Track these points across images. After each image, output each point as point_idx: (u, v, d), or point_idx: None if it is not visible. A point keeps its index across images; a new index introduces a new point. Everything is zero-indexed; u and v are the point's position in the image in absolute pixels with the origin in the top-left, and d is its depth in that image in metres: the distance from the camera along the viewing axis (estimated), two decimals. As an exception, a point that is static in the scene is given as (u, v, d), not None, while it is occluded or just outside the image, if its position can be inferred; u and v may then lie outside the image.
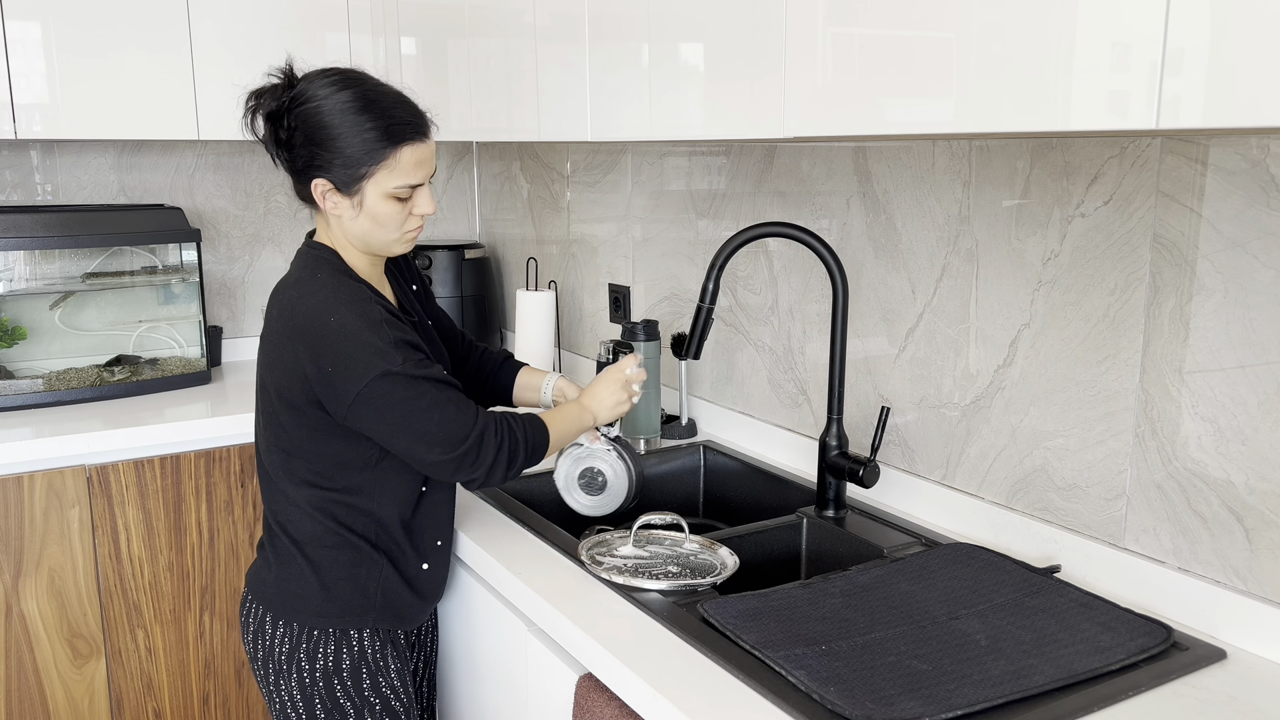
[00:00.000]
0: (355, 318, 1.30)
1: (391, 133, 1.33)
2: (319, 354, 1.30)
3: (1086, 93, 0.93)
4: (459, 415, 1.33)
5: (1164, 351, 1.27)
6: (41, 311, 2.37)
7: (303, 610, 1.43)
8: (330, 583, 1.43)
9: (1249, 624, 1.19)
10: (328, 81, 1.34)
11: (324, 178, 1.34)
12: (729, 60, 1.39)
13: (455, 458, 1.33)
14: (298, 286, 1.36)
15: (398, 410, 1.30)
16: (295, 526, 1.43)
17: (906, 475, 1.65)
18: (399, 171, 1.35)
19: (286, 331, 1.34)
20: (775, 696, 1.06)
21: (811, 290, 1.81)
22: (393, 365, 1.29)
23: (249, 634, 1.48)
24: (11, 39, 2.13)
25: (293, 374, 1.34)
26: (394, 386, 1.30)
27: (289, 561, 1.44)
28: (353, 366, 1.29)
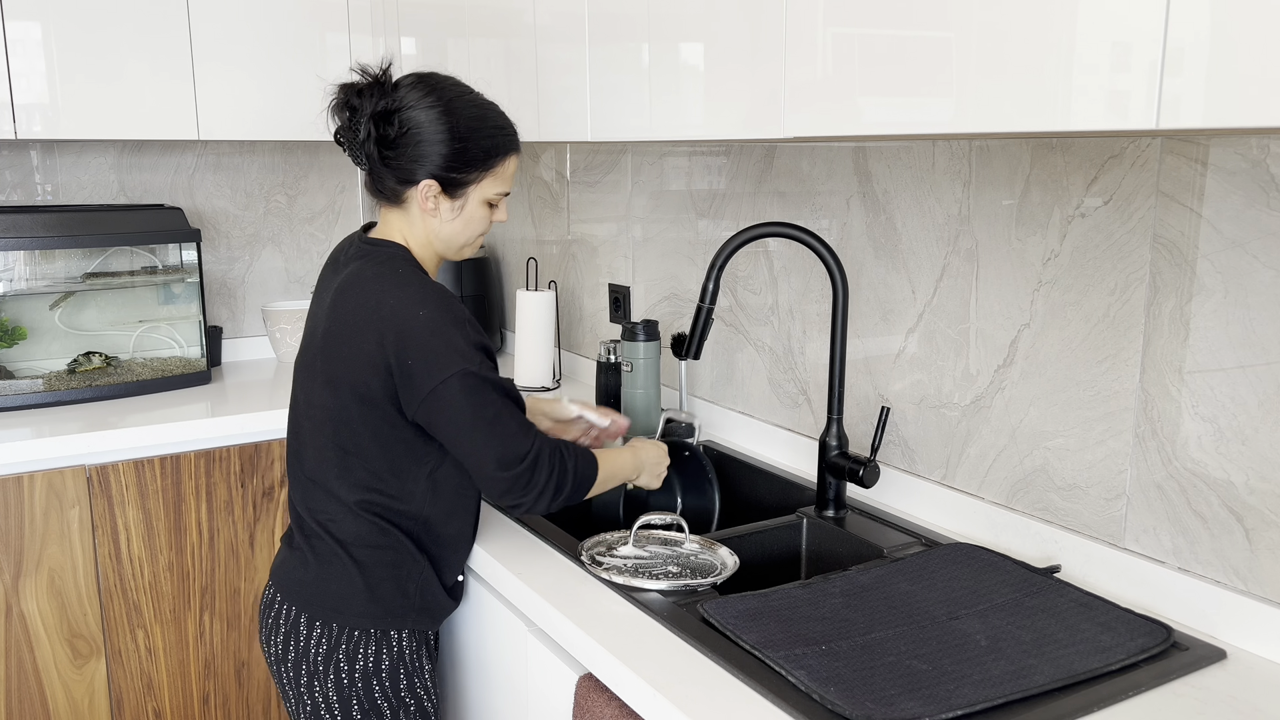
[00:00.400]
0: (443, 314, 1.32)
1: (505, 144, 1.42)
2: (405, 345, 1.31)
3: (1086, 93, 0.93)
4: (519, 434, 1.33)
5: (1164, 351, 1.27)
6: (41, 311, 2.37)
7: (344, 610, 1.42)
8: (374, 583, 1.42)
9: (1249, 624, 1.19)
10: (434, 88, 1.38)
11: (433, 179, 1.38)
12: (729, 60, 1.39)
13: (509, 478, 1.33)
14: (381, 281, 1.36)
15: (466, 414, 1.31)
16: (340, 526, 1.42)
17: (906, 475, 1.65)
18: (503, 179, 1.43)
19: (371, 322, 1.33)
20: (775, 696, 1.06)
21: (811, 290, 1.81)
22: (471, 365, 1.31)
23: (278, 635, 1.46)
24: (11, 39, 2.13)
25: (373, 365, 1.33)
26: (468, 389, 1.30)
27: (330, 561, 1.42)
28: (435, 361, 1.30)
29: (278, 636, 1.46)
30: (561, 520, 1.87)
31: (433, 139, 1.36)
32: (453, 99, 1.38)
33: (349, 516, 1.41)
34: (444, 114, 1.36)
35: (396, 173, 1.38)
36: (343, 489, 1.41)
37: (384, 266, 1.38)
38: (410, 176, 1.38)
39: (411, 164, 1.37)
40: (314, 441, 1.43)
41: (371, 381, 1.34)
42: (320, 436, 1.41)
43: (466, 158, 1.38)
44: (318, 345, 1.41)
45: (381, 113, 1.36)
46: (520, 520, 1.60)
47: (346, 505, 1.41)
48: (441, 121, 1.36)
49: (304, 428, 1.45)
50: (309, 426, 1.44)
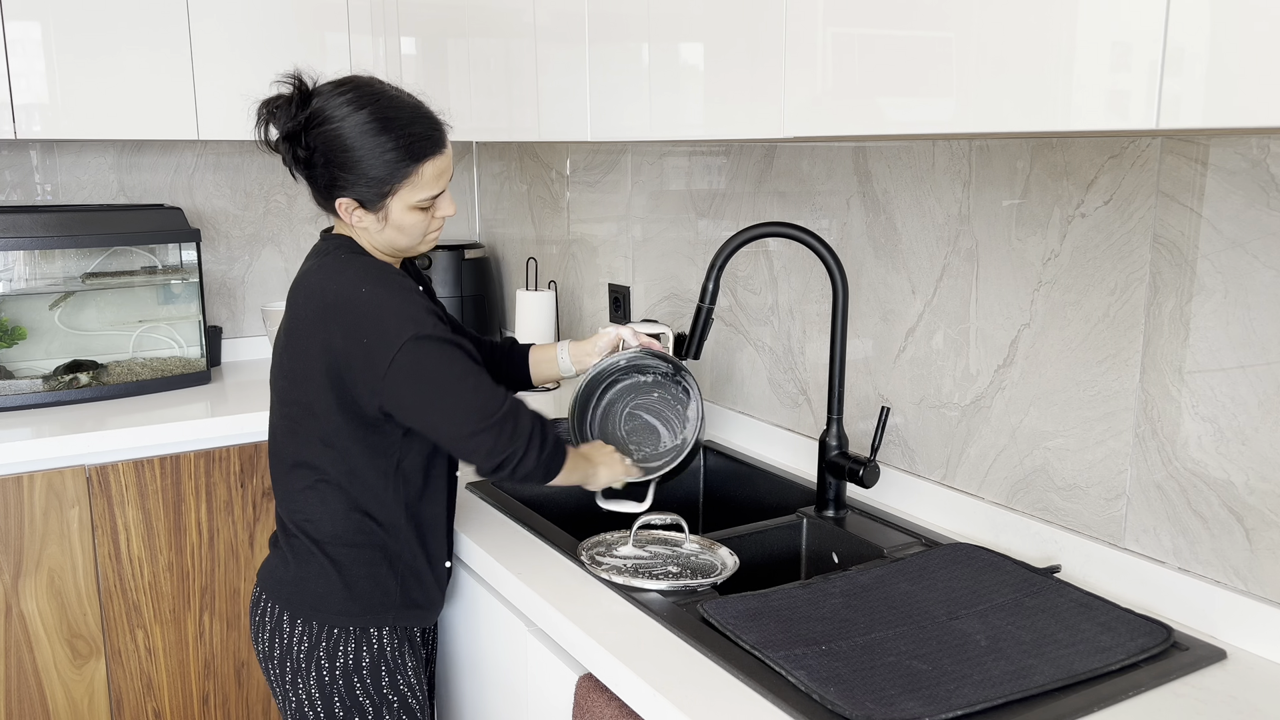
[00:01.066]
0: (385, 288, 1.32)
1: (412, 151, 1.34)
2: (355, 326, 1.31)
3: (1086, 93, 0.93)
4: (491, 387, 1.33)
5: (1164, 351, 1.26)
6: (41, 311, 2.37)
7: (323, 609, 1.43)
8: (351, 581, 1.43)
9: (1249, 624, 1.19)
10: (344, 100, 1.33)
11: (348, 197, 1.36)
12: (729, 60, 1.39)
13: (492, 427, 1.30)
14: (322, 270, 1.37)
15: (430, 377, 1.30)
16: (316, 526, 1.43)
17: (906, 475, 1.65)
18: (421, 186, 1.36)
19: (319, 312, 1.34)
20: (775, 696, 1.06)
21: (811, 290, 1.81)
22: (424, 329, 1.30)
23: (264, 633, 1.47)
24: (11, 39, 2.13)
25: (328, 354, 1.33)
26: (427, 351, 1.29)
27: (308, 560, 1.43)
28: (386, 332, 1.29)
29: (264, 634, 1.48)
30: (562, 520, 1.87)
31: (337, 159, 1.33)
32: (362, 110, 1.32)
33: (326, 516, 1.42)
34: (351, 129, 1.32)
35: (318, 190, 1.38)
36: (317, 487, 1.42)
37: (327, 257, 1.39)
38: (329, 195, 1.37)
39: (327, 184, 1.36)
40: (287, 441, 1.44)
41: (332, 370, 1.34)
42: (292, 436, 1.42)
43: (372, 174, 1.33)
44: (282, 344, 1.42)
45: (289, 134, 1.34)
46: (520, 520, 1.60)
47: (324, 504, 1.42)
48: (347, 139, 1.32)
49: (278, 428, 1.46)
50: (282, 426, 1.44)
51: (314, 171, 1.36)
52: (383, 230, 1.39)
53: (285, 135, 1.35)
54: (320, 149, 1.33)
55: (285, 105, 1.35)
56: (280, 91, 1.36)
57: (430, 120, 1.38)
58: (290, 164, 1.38)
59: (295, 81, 1.35)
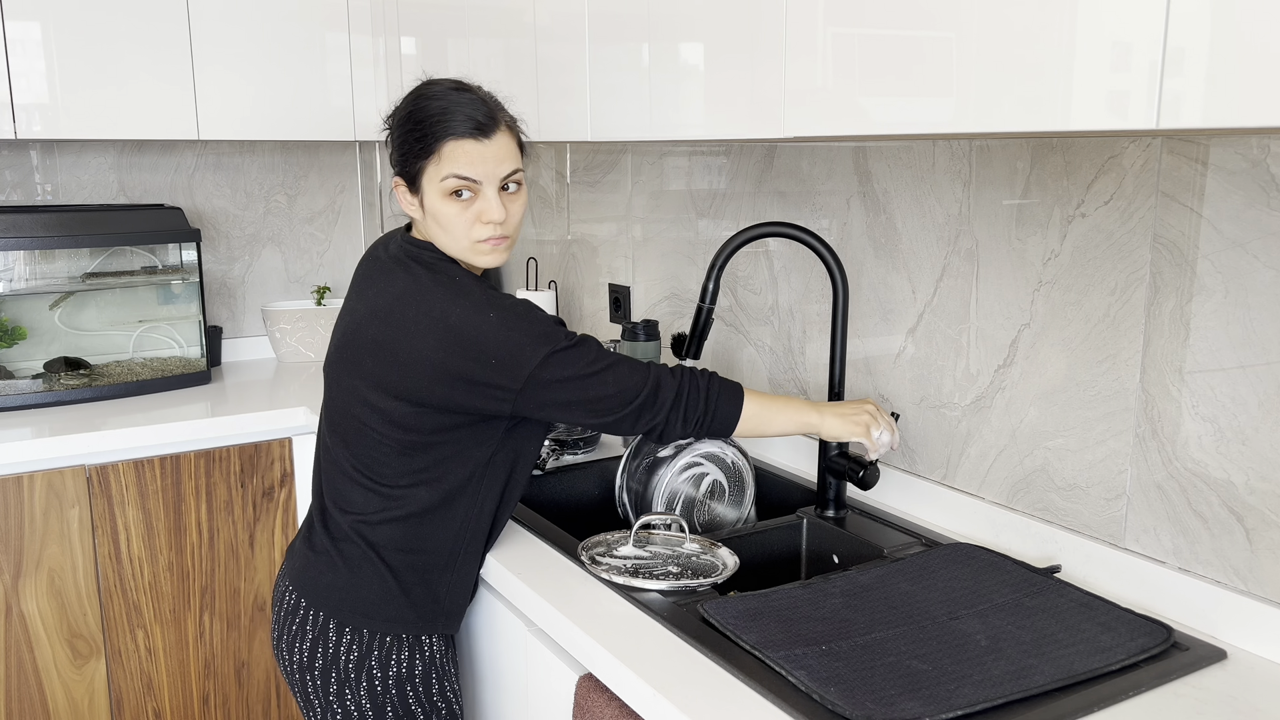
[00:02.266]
0: (510, 311, 1.33)
1: (440, 125, 1.35)
2: (483, 351, 1.30)
3: (1086, 93, 0.93)
4: (631, 370, 1.35)
5: (1164, 351, 1.26)
6: (41, 311, 2.37)
7: (376, 616, 1.40)
8: (408, 587, 1.41)
9: (1249, 624, 1.19)
10: (421, 85, 1.41)
11: (397, 174, 1.41)
12: (729, 60, 1.39)
13: (634, 409, 1.34)
14: (439, 288, 1.34)
15: (573, 383, 1.32)
16: (375, 530, 1.40)
17: (906, 475, 1.65)
18: (449, 162, 1.34)
19: (434, 333, 1.31)
20: (775, 697, 1.06)
21: (811, 290, 1.81)
22: (558, 343, 1.32)
23: (304, 642, 1.42)
24: (11, 39, 2.13)
25: (440, 376, 1.31)
26: (563, 362, 1.31)
27: (361, 566, 1.40)
28: (520, 352, 1.30)
29: (304, 644, 1.42)
30: (562, 520, 1.87)
31: (392, 136, 1.40)
32: (421, 92, 1.39)
33: (388, 522, 1.39)
34: (403, 106, 1.39)
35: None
36: (385, 491, 1.39)
37: (439, 275, 1.36)
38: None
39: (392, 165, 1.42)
40: (357, 444, 1.39)
41: (436, 390, 1.32)
42: (367, 438, 1.38)
43: (407, 146, 1.37)
44: (367, 348, 1.37)
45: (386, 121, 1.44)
46: (520, 520, 1.60)
47: (386, 509, 1.39)
48: (398, 115, 1.39)
49: (347, 428, 1.41)
50: (353, 429, 1.39)
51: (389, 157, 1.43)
52: (424, 219, 1.39)
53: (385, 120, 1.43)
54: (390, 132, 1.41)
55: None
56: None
57: (475, 104, 1.37)
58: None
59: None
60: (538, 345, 1.30)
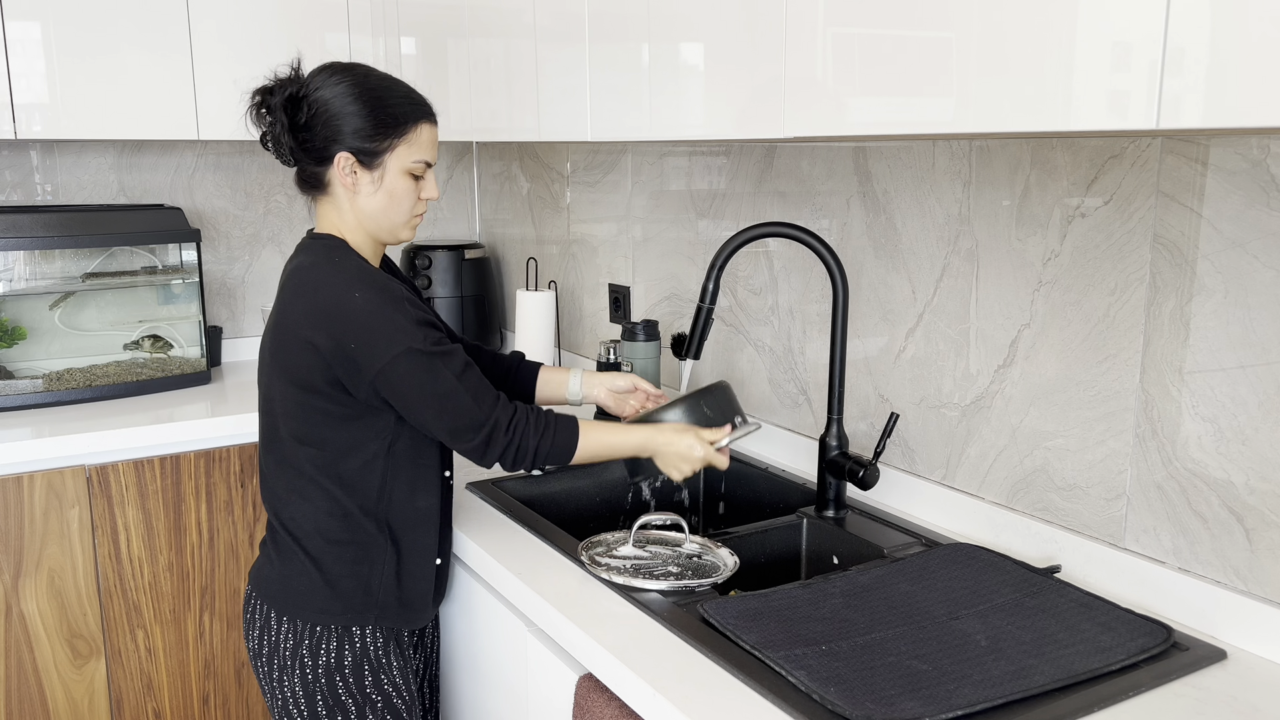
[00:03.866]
0: (378, 295, 1.34)
1: (413, 109, 1.41)
2: (344, 331, 1.32)
3: (1086, 93, 0.93)
4: (472, 406, 1.36)
5: (1164, 351, 1.26)
6: (41, 311, 2.37)
7: (305, 606, 1.44)
8: (333, 579, 1.43)
9: (1249, 624, 1.19)
10: (338, 69, 1.40)
11: (347, 150, 1.38)
12: (729, 60, 1.39)
13: (468, 448, 1.37)
14: (315, 269, 1.38)
15: (416, 392, 1.34)
16: (297, 524, 1.44)
17: (906, 475, 1.65)
18: (419, 146, 1.42)
19: (308, 312, 1.35)
20: (775, 697, 1.06)
21: (811, 290, 1.81)
22: (415, 342, 1.32)
23: (253, 631, 1.49)
24: (11, 39, 2.13)
25: (314, 354, 1.35)
26: (415, 366, 1.33)
27: (290, 558, 1.45)
28: (376, 342, 1.32)
29: (254, 631, 1.49)
30: (562, 520, 1.87)
31: (341, 112, 1.38)
32: (358, 75, 1.40)
33: (308, 513, 1.43)
34: (350, 87, 1.38)
35: (313, 154, 1.40)
36: (298, 483, 1.43)
37: (319, 255, 1.40)
38: (326, 154, 1.39)
39: (325, 142, 1.38)
40: (273, 436, 1.44)
41: (316, 370, 1.36)
42: (278, 430, 1.43)
43: (376, 124, 1.38)
44: (267, 341, 1.43)
45: (289, 99, 1.38)
46: (520, 520, 1.60)
47: (306, 500, 1.43)
48: (348, 94, 1.38)
49: (265, 423, 1.46)
50: (268, 421, 1.45)
51: (312, 134, 1.38)
52: (375, 194, 1.40)
53: (286, 100, 1.38)
54: (321, 108, 1.38)
55: (284, 81, 1.40)
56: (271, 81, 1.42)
57: (421, 96, 1.45)
58: (286, 135, 1.39)
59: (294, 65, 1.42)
60: (395, 340, 1.32)
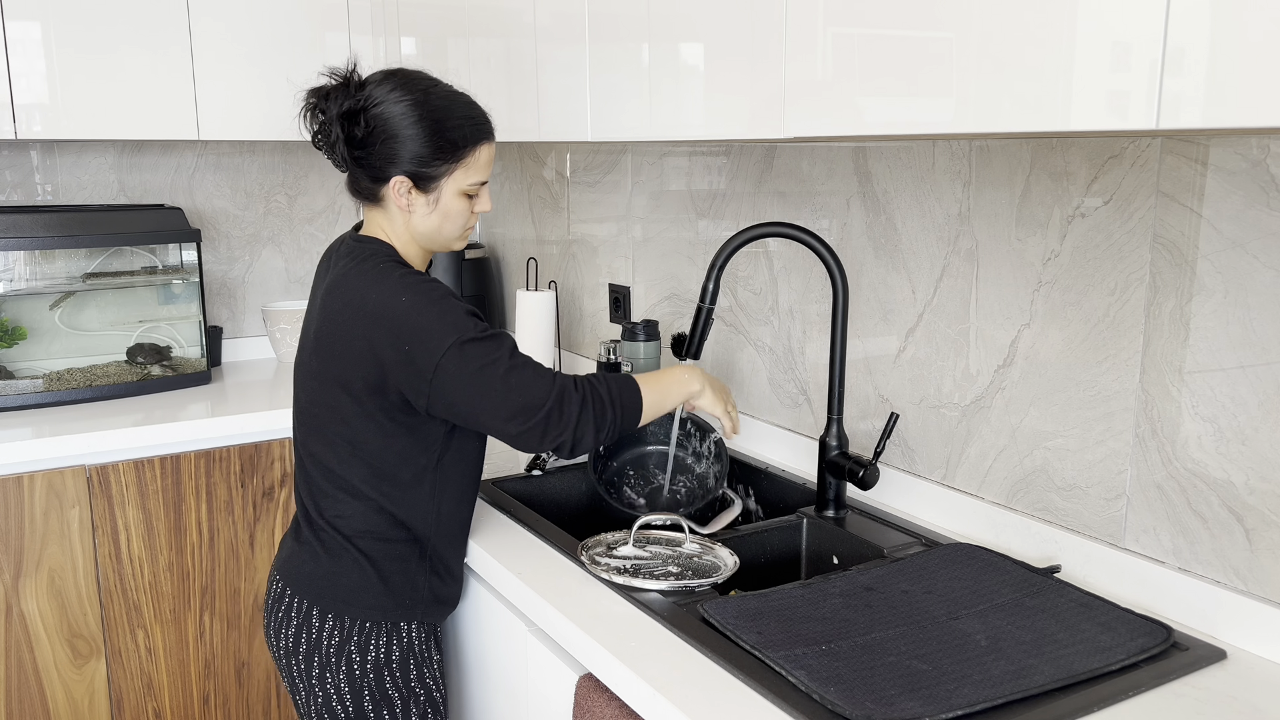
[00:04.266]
0: (424, 295, 1.34)
1: (471, 132, 1.40)
2: (397, 335, 1.32)
3: (1086, 93, 0.93)
4: (535, 379, 1.33)
5: (1164, 351, 1.26)
6: (41, 311, 2.37)
7: (356, 603, 1.44)
8: (386, 575, 1.44)
9: (1249, 624, 1.19)
10: (400, 83, 1.38)
11: (403, 174, 1.38)
12: (729, 60, 1.39)
13: (537, 424, 1.33)
14: (362, 276, 1.37)
15: (476, 379, 1.31)
16: (346, 522, 1.44)
17: (906, 475, 1.65)
18: (475, 169, 1.42)
19: (358, 319, 1.35)
20: (775, 697, 1.06)
21: (811, 290, 1.81)
22: (466, 332, 1.32)
23: (289, 629, 1.46)
24: (11, 39, 2.13)
25: (367, 362, 1.35)
26: (471, 353, 1.31)
27: (340, 555, 1.44)
28: (429, 339, 1.31)
29: (289, 629, 1.47)
30: (562, 520, 1.87)
31: (399, 135, 1.36)
32: (419, 92, 1.38)
33: (358, 512, 1.43)
34: (410, 108, 1.36)
35: (369, 171, 1.39)
36: (351, 485, 1.43)
37: (366, 263, 1.39)
38: (382, 174, 1.39)
39: (382, 161, 1.38)
40: (319, 439, 1.44)
41: (368, 376, 1.35)
42: (325, 434, 1.43)
43: (434, 151, 1.37)
44: (310, 345, 1.43)
45: (347, 113, 1.37)
46: (520, 520, 1.60)
47: (355, 501, 1.43)
48: (407, 116, 1.36)
49: (308, 426, 1.46)
50: (313, 425, 1.45)
51: (369, 150, 1.37)
52: (429, 215, 1.41)
53: (343, 114, 1.36)
54: (380, 125, 1.36)
55: (342, 87, 1.38)
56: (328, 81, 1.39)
57: (482, 109, 1.45)
58: (343, 147, 1.38)
59: (349, 70, 1.40)
60: (446, 333, 1.31)
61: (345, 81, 1.38)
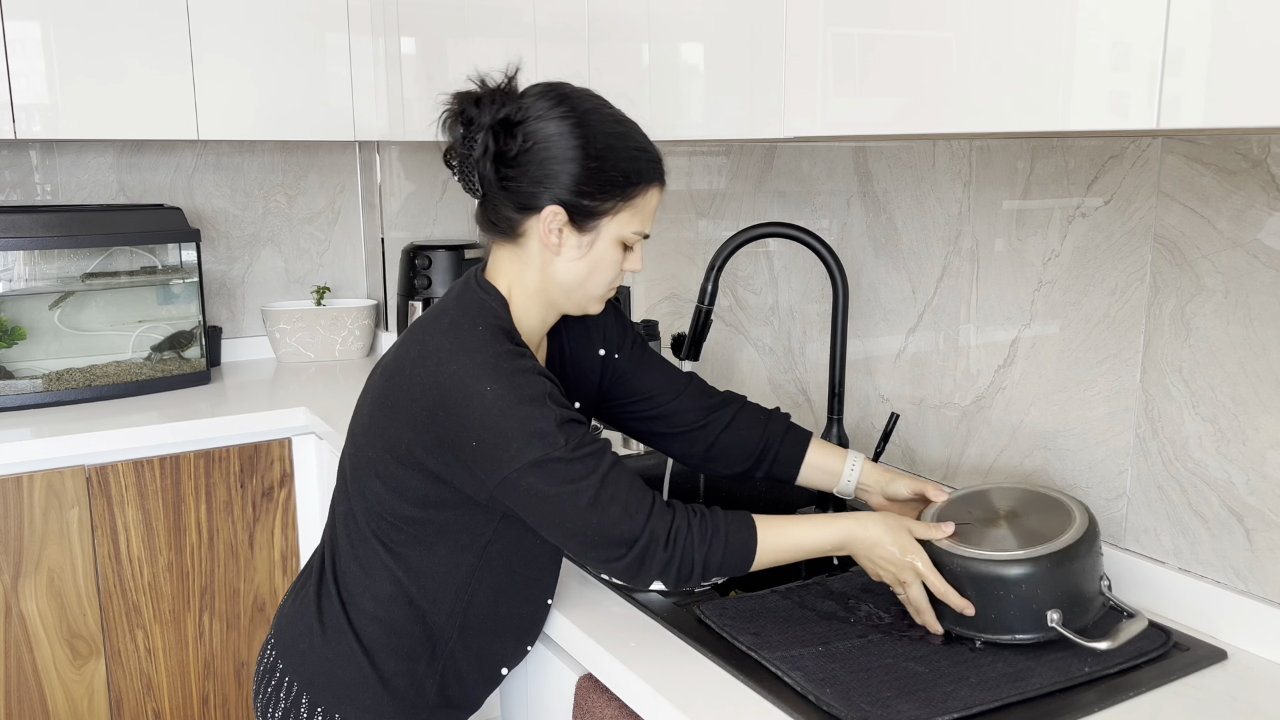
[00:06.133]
0: (513, 393, 1.09)
1: (648, 170, 1.17)
2: (464, 425, 1.09)
3: (1086, 93, 0.93)
4: (623, 518, 1.09)
5: (1164, 351, 1.26)
6: (41, 311, 2.37)
7: (349, 701, 1.22)
8: (386, 676, 1.22)
9: (1249, 624, 1.19)
10: (566, 96, 1.16)
11: (561, 205, 1.14)
12: (729, 60, 1.39)
13: (615, 568, 1.12)
14: (453, 334, 1.14)
15: (551, 504, 1.09)
16: (352, 596, 1.23)
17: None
18: (643, 214, 1.18)
19: (424, 385, 1.12)
20: (774, 697, 1.06)
21: (811, 290, 1.81)
22: (553, 450, 1.08)
23: (276, 710, 1.26)
24: (11, 39, 2.13)
25: (419, 432, 1.13)
26: (550, 476, 1.08)
27: (338, 638, 1.22)
28: (503, 448, 1.08)
29: (276, 711, 1.26)
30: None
31: (562, 156, 1.13)
32: (588, 111, 1.16)
33: (370, 588, 1.22)
34: (577, 126, 1.13)
35: (516, 197, 1.15)
36: (370, 545, 1.21)
37: (462, 318, 1.15)
38: (532, 202, 1.14)
39: (534, 186, 1.14)
40: (355, 499, 1.23)
41: (416, 446, 1.14)
42: (362, 495, 1.22)
43: (602, 181, 1.14)
44: (370, 390, 1.22)
45: (503, 122, 1.13)
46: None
47: (370, 574, 1.22)
48: (574, 136, 1.13)
49: (348, 480, 1.25)
50: (353, 479, 1.24)
51: (521, 171, 1.14)
52: (578, 260, 1.17)
53: (497, 123, 1.13)
54: (541, 143, 1.13)
55: (496, 93, 1.15)
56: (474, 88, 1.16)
57: (653, 146, 1.21)
58: (489, 163, 1.15)
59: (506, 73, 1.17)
60: (526, 445, 1.08)
61: (500, 88, 1.15)
